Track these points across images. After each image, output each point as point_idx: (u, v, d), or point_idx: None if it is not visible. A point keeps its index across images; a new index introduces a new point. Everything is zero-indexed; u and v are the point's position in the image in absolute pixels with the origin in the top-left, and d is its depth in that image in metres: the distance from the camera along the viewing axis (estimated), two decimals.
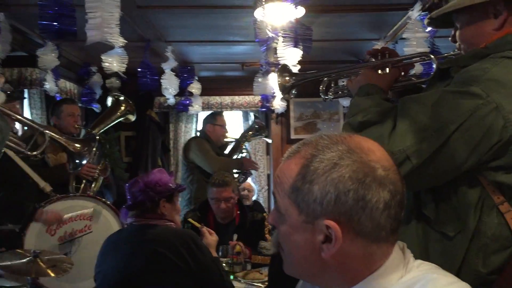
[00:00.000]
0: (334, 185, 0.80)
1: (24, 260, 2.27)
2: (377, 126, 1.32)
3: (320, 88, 1.77)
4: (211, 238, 2.83)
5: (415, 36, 3.39)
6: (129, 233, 2.34)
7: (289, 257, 0.90)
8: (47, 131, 1.69)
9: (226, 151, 4.86)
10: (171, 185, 2.37)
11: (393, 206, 0.81)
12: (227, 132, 4.76)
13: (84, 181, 3.50)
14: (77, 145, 1.84)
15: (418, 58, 1.65)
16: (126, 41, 2.51)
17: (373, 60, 1.63)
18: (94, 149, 1.88)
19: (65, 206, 2.98)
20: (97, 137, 2.00)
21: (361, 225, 0.80)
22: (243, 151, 4.91)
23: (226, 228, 3.39)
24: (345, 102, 5.30)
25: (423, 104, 1.28)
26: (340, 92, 1.76)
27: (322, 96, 1.79)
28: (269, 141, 5.33)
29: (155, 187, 2.28)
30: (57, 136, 1.76)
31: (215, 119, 4.64)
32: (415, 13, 3.37)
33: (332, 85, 1.78)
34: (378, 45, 4.15)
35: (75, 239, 3.02)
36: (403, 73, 1.61)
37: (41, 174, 3.08)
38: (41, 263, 2.28)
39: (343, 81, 1.76)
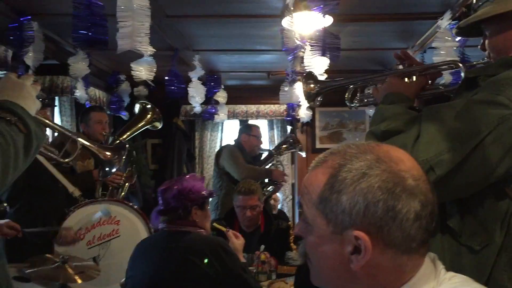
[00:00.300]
0: (363, 195, 0.79)
1: (53, 266, 2.32)
2: (400, 135, 1.29)
3: (346, 96, 1.74)
4: (237, 242, 2.81)
5: (444, 45, 3.35)
6: (160, 239, 2.35)
7: (317, 268, 0.88)
8: (79, 139, 1.72)
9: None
10: (204, 192, 2.37)
11: (424, 217, 0.79)
12: (261, 143, 4.82)
13: (110, 187, 3.55)
14: (107, 153, 1.86)
15: (446, 66, 1.62)
16: (155, 50, 2.55)
17: (400, 66, 1.61)
18: (124, 157, 1.91)
19: (93, 210, 3.03)
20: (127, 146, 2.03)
21: (391, 236, 0.79)
22: (277, 164, 4.91)
23: (251, 236, 3.38)
24: (371, 111, 5.24)
25: (449, 113, 1.24)
26: (365, 100, 1.73)
27: (347, 104, 1.76)
28: (303, 154, 5.31)
29: (189, 195, 2.28)
30: (89, 144, 1.79)
31: (250, 130, 4.72)
32: (444, 22, 3.33)
33: (358, 93, 1.75)
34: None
35: (103, 243, 3.07)
36: (430, 81, 1.58)
37: (69, 180, 3.15)
38: (69, 269, 2.32)
39: (369, 89, 1.73)
